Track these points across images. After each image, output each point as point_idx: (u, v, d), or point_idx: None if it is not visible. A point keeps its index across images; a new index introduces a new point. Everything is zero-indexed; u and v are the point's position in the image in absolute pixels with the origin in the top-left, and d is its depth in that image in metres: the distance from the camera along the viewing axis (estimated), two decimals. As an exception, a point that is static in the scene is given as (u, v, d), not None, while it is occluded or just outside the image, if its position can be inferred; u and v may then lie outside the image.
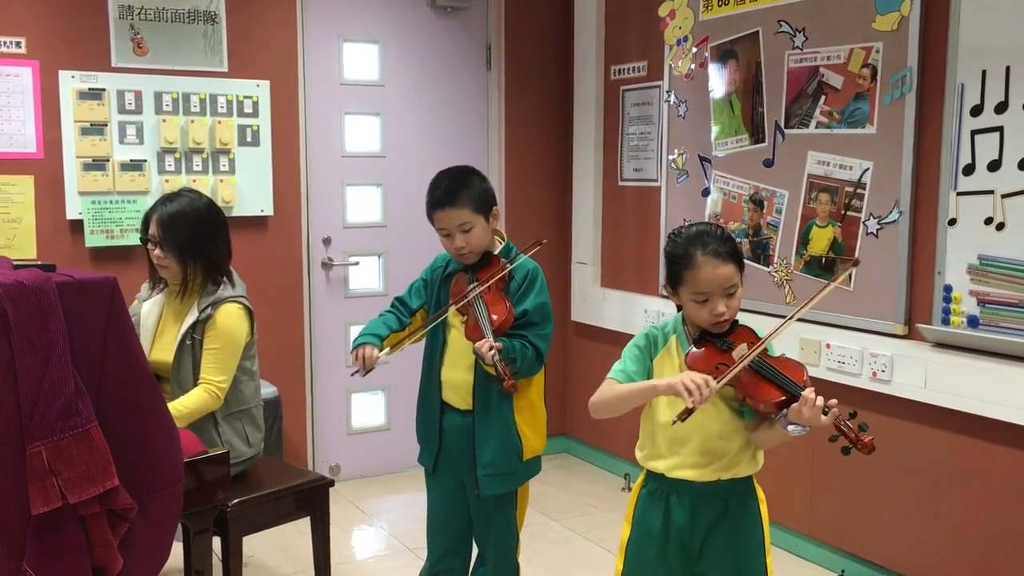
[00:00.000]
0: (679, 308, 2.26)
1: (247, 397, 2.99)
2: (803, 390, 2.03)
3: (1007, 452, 2.99)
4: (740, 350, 2.12)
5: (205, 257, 2.93)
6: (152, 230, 2.92)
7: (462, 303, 2.61)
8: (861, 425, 2.00)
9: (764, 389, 2.09)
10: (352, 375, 2.69)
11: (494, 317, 2.54)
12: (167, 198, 2.97)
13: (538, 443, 2.72)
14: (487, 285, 2.58)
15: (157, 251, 2.91)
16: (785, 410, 2.04)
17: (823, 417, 1.99)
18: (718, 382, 2.05)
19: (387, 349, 2.67)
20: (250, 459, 3.01)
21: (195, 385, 2.87)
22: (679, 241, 2.19)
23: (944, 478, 3.19)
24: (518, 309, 2.60)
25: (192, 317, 2.90)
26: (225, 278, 2.97)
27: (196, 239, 2.91)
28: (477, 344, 2.50)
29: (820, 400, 1.99)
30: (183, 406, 2.79)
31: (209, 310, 2.89)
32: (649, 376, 2.23)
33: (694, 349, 2.17)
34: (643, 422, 2.29)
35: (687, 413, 2.03)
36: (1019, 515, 2.98)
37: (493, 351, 2.45)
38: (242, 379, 2.97)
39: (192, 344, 2.88)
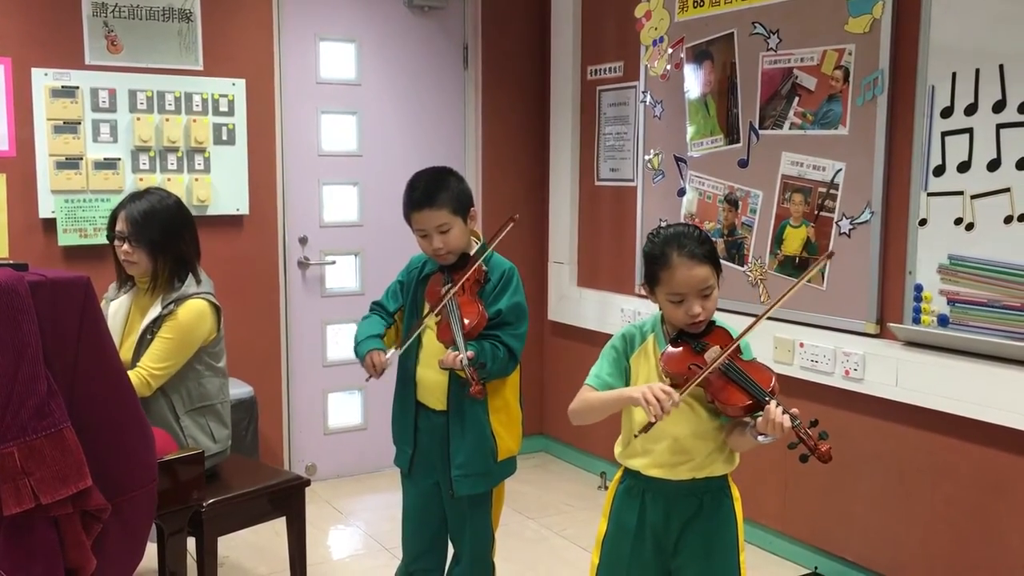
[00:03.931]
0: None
1: (211, 393, 2.98)
2: (768, 396, 2.05)
3: (977, 449, 3.03)
4: (712, 352, 2.14)
5: (174, 254, 2.93)
6: (120, 227, 2.91)
7: (438, 307, 2.61)
8: (821, 434, 2.02)
9: (732, 393, 2.10)
10: (367, 381, 2.73)
11: (466, 321, 2.54)
12: (135, 196, 2.97)
13: (513, 443, 2.72)
14: (460, 286, 2.58)
15: (126, 247, 2.90)
16: (753, 421, 2.06)
17: (785, 426, 2.00)
18: (683, 391, 2.07)
19: (392, 349, 2.68)
20: (216, 455, 2.99)
21: None
22: (656, 241, 2.20)
23: (915, 475, 3.23)
24: (492, 309, 2.61)
25: (155, 312, 2.88)
26: (192, 275, 2.96)
27: (166, 236, 2.90)
28: (442, 358, 2.51)
29: (779, 413, 2.00)
30: None
31: (172, 306, 2.88)
32: (626, 377, 2.25)
33: (670, 348, 2.19)
34: (623, 419, 2.31)
35: (648, 426, 2.05)
36: (988, 511, 3.02)
37: (461, 359, 2.46)
38: (206, 374, 2.96)
39: (152, 339, 2.86)
